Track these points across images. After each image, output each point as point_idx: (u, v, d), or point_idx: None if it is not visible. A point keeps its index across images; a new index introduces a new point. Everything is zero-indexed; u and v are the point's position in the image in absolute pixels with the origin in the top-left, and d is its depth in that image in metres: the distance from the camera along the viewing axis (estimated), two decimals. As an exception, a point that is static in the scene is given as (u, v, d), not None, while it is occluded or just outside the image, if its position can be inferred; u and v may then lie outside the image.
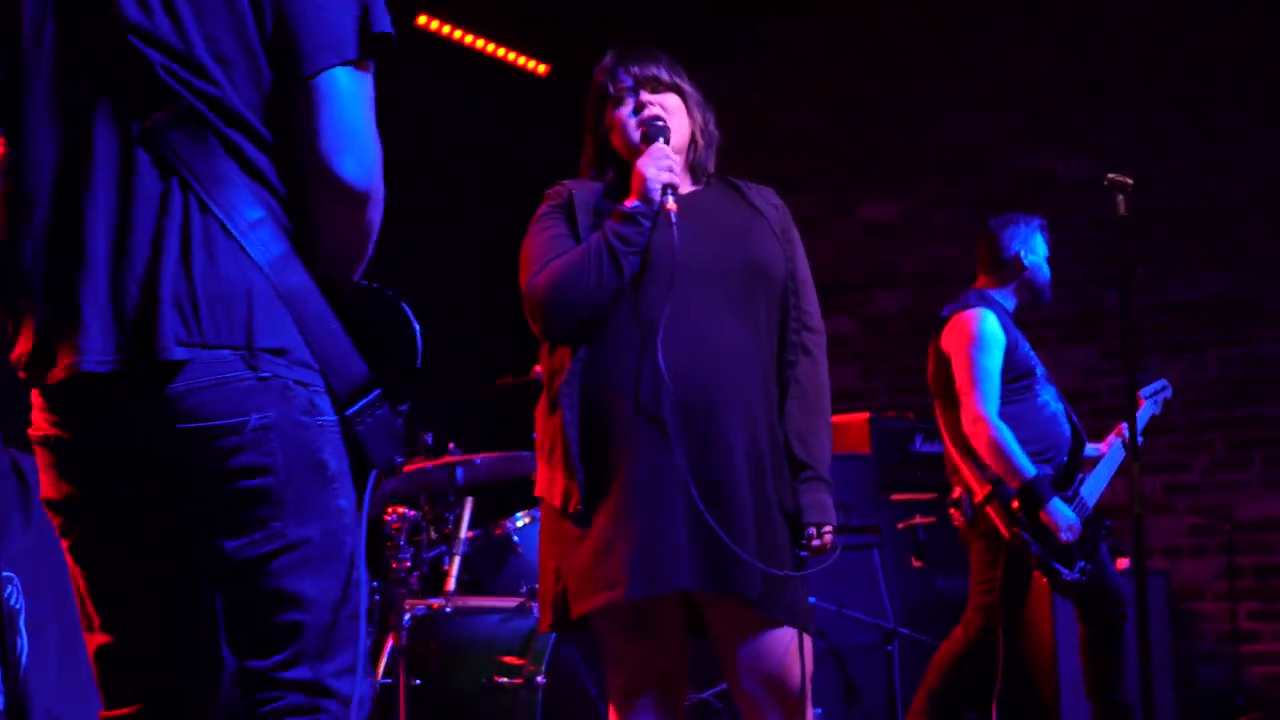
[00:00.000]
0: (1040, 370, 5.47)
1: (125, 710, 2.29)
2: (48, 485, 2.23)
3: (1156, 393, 5.82)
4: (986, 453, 5.21)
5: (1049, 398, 5.46)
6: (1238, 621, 7.20)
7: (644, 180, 3.14)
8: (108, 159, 2.16)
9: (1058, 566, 5.25)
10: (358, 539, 2.25)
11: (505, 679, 4.58)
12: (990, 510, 5.24)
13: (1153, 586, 6.63)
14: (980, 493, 5.26)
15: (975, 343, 5.32)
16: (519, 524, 5.22)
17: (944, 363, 5.41)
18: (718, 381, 3.14)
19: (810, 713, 3.25)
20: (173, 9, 2.17)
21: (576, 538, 3.14)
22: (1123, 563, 5.59)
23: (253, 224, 2.16)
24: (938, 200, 8.05)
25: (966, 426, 5.26)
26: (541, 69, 8.41)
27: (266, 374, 2.14)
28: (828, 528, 3.26)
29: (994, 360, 5.31)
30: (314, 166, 2.19)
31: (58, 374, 2.13)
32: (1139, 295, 7.32)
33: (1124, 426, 4.94)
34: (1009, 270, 5.53)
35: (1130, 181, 4.39)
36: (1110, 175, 4.39)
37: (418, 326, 2.34)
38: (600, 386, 3.14)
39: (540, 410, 3.24)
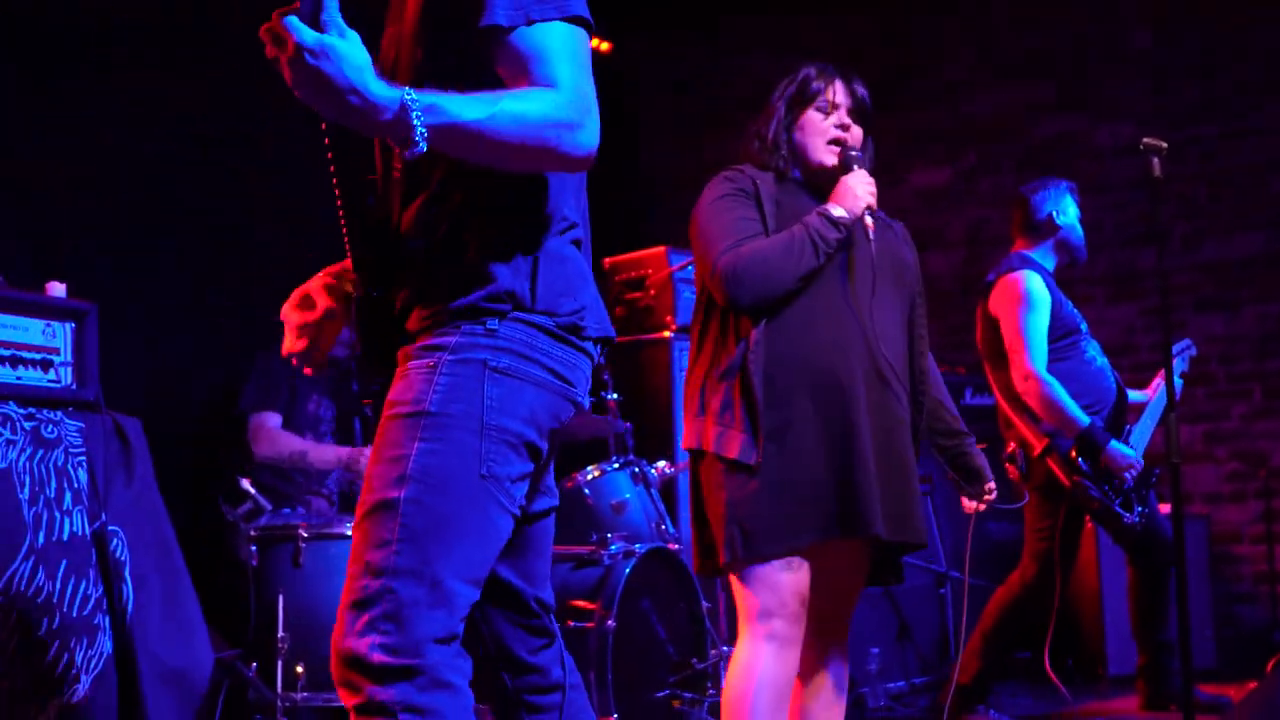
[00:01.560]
0: (1084, 327, 5.62)
1: None
2: None
3: (1182, 351, 5.96)
4: (1040, 407, 5.37)
5: (1095, 353, 5.62)
6: (1275, 563, 7.34)
7: (854, 196, 3.56)
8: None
9: (1119, 510, 5.41)
10: None
11: (577, 623, 4.76)
12: (1050, 462, 5.39)
13: (1193, 531, 6.79)
14: (1038, 446, 5.40)
15: (1022, 303, 5.48)
16: (589, 477, 5.38)
17: (992, 325, 5.57)
18: (886, 359, 3.54)
19: None
20: None
21: (757, 489, 3.42)
22: (1163, 509, 5.73)
23: None
24: (982, 166, 8.22)
25: (1018, 384, 5.40)
26: (604, 47, 8.55)
27: None
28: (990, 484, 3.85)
29: (1041, 319, 5.47)
30: None
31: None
32: (1176, 255, 7.49)
33: (1161, 376, 5.12)
34: (1043, 231, 5.69)
35: (1164, 145, 4.43)
36: (1146, 139, 4.44)
37: None
38: (783, 357, 3.47)
39: (698, 374, 3.59)
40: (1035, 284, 5.52)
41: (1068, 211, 5.70)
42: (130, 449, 3.94)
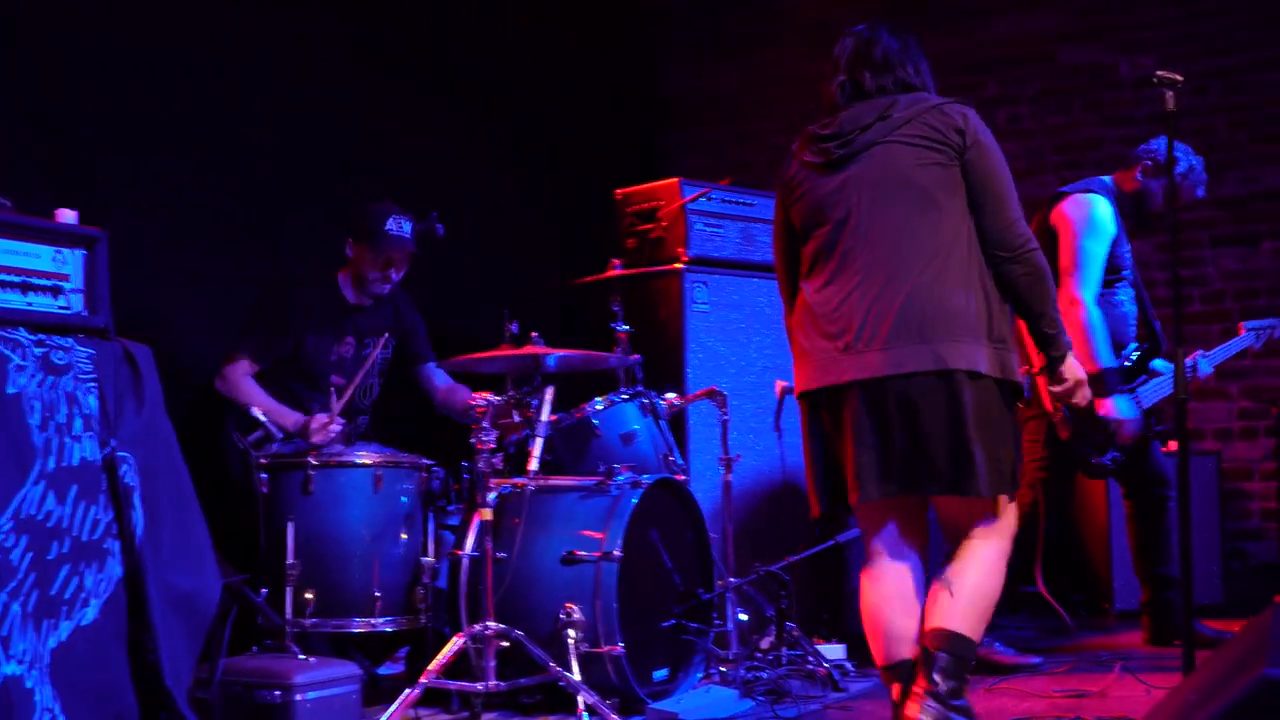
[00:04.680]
0: (1128, 272, 5.58)
1: None
2: None
3: (1261, 329, 5.90)
4: (1075, 334, 5.29)
5: (1125, 298, 5.59)
6: (1284, 500, 7.34)
7: None
8: None
9: (1088, 449, 5.43)
10: None
11: (584, 552, 4.78)
12: (1040, 382, 5.37)
13: (1202, 467, 6.79)
14: (1037, 364, 5.40)
15: (1085, 225, 5.44)
16: (598, 408, 5.38)
17: (1049, 237, 5.48)
18: None
19: None
20: None
21: None
22: (1173, 445, 5.73)
23: None
24: (999, 98, 8.15)
25: (1062, 306, 5.31)
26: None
27: None
28: None
29: (1100, 246, 5.43)
30: None
31: None
32: (1194, 189, 7.42)
33: (1198, 352, 5.17)
34: (1128, 177, 5.66)
35: (1179, 78, 4.37)
36: (1159, 72, 4.38)
37: None
38: None
39: (944, 281, 4.00)
40: (1103, 211, 5.49)
41: (1159, 180, 5.61)
42: (140, 376, 3.93)
